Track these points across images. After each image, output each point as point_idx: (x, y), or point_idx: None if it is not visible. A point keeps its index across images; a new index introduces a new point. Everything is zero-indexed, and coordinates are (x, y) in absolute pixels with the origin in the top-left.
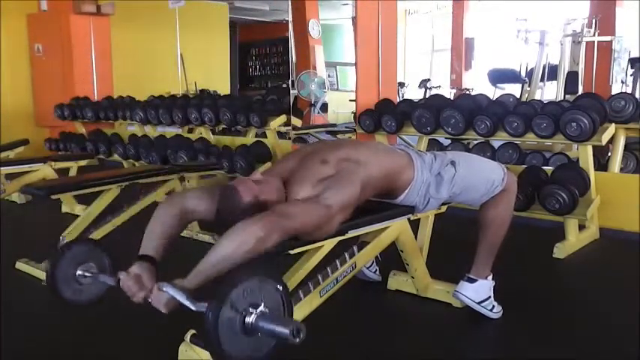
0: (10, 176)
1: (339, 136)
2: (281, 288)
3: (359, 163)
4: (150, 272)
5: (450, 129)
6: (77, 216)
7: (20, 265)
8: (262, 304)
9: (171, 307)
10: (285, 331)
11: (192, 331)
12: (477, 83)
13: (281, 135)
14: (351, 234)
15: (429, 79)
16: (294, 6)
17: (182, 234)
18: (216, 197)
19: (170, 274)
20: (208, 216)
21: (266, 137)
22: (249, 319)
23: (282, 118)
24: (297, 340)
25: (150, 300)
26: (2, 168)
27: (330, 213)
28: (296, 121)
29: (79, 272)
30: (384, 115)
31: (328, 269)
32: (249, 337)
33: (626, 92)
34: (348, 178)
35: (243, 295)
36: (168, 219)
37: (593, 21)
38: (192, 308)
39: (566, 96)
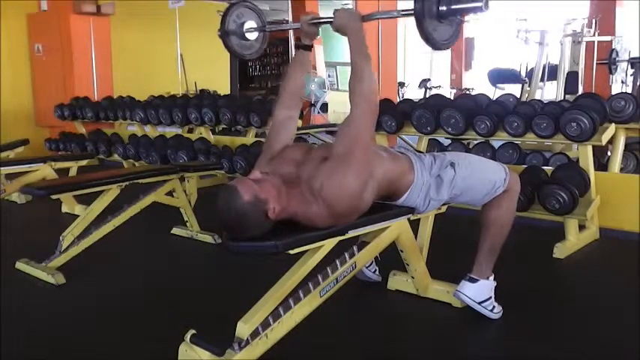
0: (10, 176)
1: None
2: None
3: None
4: None
5: (450, 129)
6: (77, 216)
7: (20, 265)
8: None
9: (347, 26)
10: (478, 2)
11: (192, 331)
12: (477, 83)
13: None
14: (351, 234)
15: (429, 79)
16: (294, 6)
17: (182, 234)
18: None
19: (172, 273)
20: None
21: (266, 137)
22: (443, 7)
23: None
24: (488, 8)
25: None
26: (2, 168)
27: (365, 186)
28: None
29: (244, 29)
30: (384, 115)
31: (328, 269)
32: (440, 25)
33: (626, 92)
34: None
35: None
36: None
37: (593, 21)
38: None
39: (566, 96)
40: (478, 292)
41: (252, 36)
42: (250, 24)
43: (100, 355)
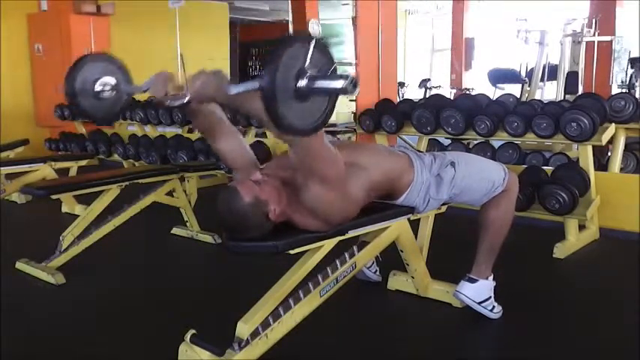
0: (10, 176)
1: (339, 136)
2: (319, 40)
3: (361, 167)
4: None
5: (450, 129)
6: (77, 216)
7: (20, 265)
8: (312, 68)
9: (205, 90)
10: (339, 83)
11: (192, 331)
12: (477, 83)
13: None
14: (351, 234)
15: (429, 79)
16: (294, 6)
17: (182, 234)
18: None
19: (172, 273)
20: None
21: (266, 137)
22: (302, 83)
23: None
24: (355, 89)
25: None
26: (2, 168)
27: (347, 196)
28: None
29: (97, 87)
30: (384, 115)
31: (328, 269)
32: (304, 103)
33: (626, 92)
34: (355, 181)
35: (289, 65)
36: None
37: (593, 21)
38: (231, 91)
39: (566, 96)
40: (477, 292)
41: (108, 94)
42: (106, 80)
43: (100, 355)
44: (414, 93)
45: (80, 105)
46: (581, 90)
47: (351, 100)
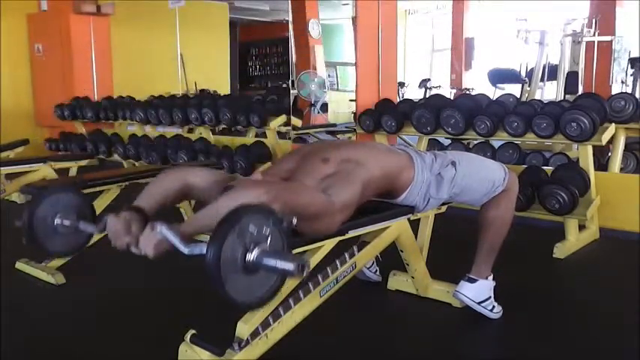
0: (10, 176)
1: (339, 136)
2: (282, 223)
3: (359, 163)
4: (139, 222)
5: (450, 129)
6: None
7: (20, 265)
8: (263, 242)
9: (160, 250)
10: (289, 265)
11: (192, 331)
12: (477, 83)
13: (281, 135)
14: (351, 234)
15: (429, 79)
16: (294, 6)
17: None
18: (219, 184)
19: (172, 273)
20: (205, 197)
21: (266, 137)
22: (251, 256)
23: (282, 118)
24: (303, 274)
25: (135, 247)
26: (2, 168)
27: (333, 207)
28: (296, 121)
29: (57, 221)
30: (384, 115)
31: (328, 269)
32: (251, 276)
33: (626, 92)
34: (349, 179)
35: (243, 232)
36: (169, 185)
37: (593, 21)
38: (184, 251)
39: (566, 96)
40: (477, 292)
41: (66, 230)
42: (67, 216)
43: (100, 355)
44: (414, 93)
45: (35, 238)
46: (581, 90)
47: (351, 100)
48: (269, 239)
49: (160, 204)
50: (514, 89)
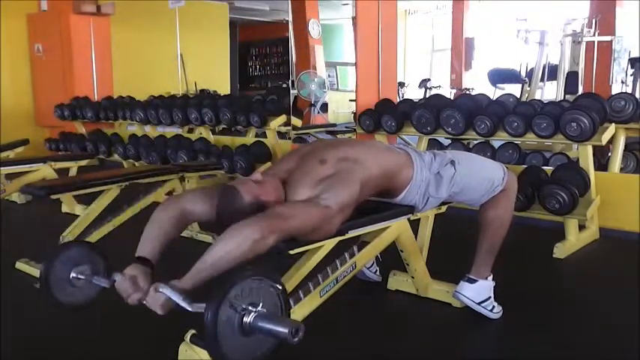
0: (10, 176)
1: (339, 136)
2: (279, 287)
3: (357, 162)
4: (145, 274)
5: (450, 129)
6: (77, 216)
7: (20, 265)
8: (260, 304)
9: (168, 308)
10: (283, 330)
11: (192, 331)
12: (477, 83)
13: (281, 135)
14: (351, 234)
15: (429, 79)
16: (294, 6)
17: (182, 234)
18: (214, 198)
19: (170, 273)
20: (207, 217)
21: (266, 137)
22: (248, 319)
23: (282, 118)
24: (296, 339)
25: (145, 302)
26: (2, 168)
27: (330, 214)
28: (296, 121)
29: (72, 275)
30: (384, 115)
31: (328, 269)
32: (247, 338)
33: (626, 92)
34: (347, 178)
35: (241, 295)
36: (166, 222)
37: (593, 21)
38: (189, 309)
39: (566, 96)
40: (477, 292)
41: (82, 283)
42: (82, 270)
43: (100, 355)
44: (414, 93)
45: (50, 292)
46: (581, 90)
47: (351, 100)
48: (265, 302)
49: (162, 245)
50: (514, 89)
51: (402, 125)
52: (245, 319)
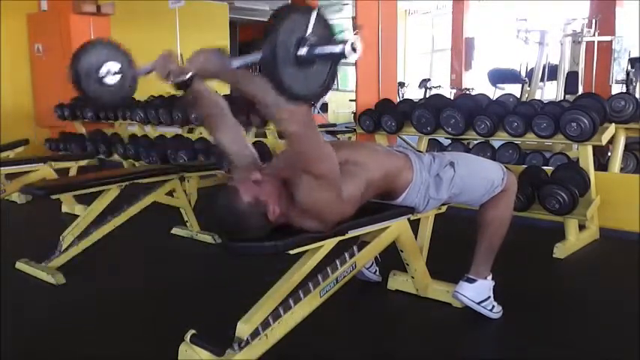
0: (10, 176)
1: (339, 136)
2: (319, 12)
3: (358, 164)
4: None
5: (450, 129)
6: (77, 216)
7: (20, 265)
8: (310, 35)
9: (204, 68)
10: (338, 48)
11: (192, 331)
12: (477, 83)
13: (281, 135)
14: (351, 234)
15: (429, 79)
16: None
17: (182, 234)
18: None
19: (170, 273)
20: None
21: (266, 137)
22: (303, 51)
23: None
24: (356, 53)
25: (188, 63)
26: (2, 168)
27: (340, 189)
28: None
29: (103, 70)
30: (384, 115)
31: (328, 269)
32: (305, 70)
33: (626, 92)
34: (354, 174)
35: (289, 34)
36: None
37: (593, 21)
38: (234, 64)
39: (566, 96)
40: (477, 292)
41: (111, 80)
42: (110, 66)
43: (100, 355)
44: (414, 93)
45: (85, 90)
46: (581, 90)
47: (351, 100)
48: (315, 32)
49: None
50: (514, 89)
51: (402, 125)
52: (300, 51)
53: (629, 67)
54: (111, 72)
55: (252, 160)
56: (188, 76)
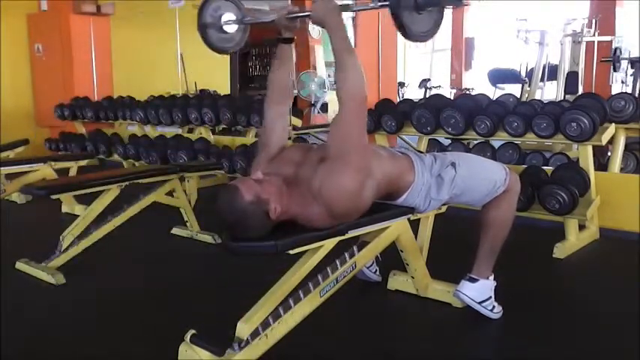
0: (10, 176)
1: None
2: None
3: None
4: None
5: (450, 129)
6: (77, 216)
7: (20, 265)
8: None
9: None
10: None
11: (192, 331)
12: (477, 83)
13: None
14: (351, 234)
15: (429, 79)
16: (294, 6)
17: (182, 234)
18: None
19: (171, 273)
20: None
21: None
22: None
23: None
24: (462, 2)
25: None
26: (2, 168)
27: (362, 193)
28: (296, 121)
29: (223, 19)
30: (384, 115)
31: (328, 269)
32: (420, 15)
33: (626, 92)
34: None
35: None
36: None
37: (593, 21)
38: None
39: (566, 96)
40: (478, 291)
41: (231, 29)
42: (228, 16)
43: (100, 355)
44: (414, 93)
45: (209, 38)
46: (581, 90)
47: None
48: None
49: None
50: (514, 89)
51: (402, 125)
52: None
53: (630, 67)
54: (230, 21)
55: (288, 97)
56: (306, 14)
